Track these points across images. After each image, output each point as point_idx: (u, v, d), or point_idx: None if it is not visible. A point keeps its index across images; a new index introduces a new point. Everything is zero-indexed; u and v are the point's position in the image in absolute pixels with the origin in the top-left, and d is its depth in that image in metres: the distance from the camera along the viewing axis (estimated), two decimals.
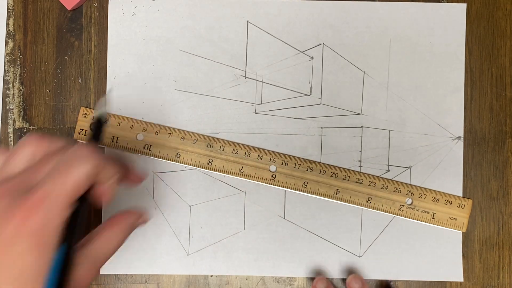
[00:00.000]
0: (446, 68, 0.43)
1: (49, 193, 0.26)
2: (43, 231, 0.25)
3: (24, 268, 0.25)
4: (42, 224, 0.25)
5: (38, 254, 0.25)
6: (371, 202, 0.42)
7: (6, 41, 0.43)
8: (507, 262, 0.42)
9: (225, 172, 0.42)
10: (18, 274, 0.24)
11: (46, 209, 0.25)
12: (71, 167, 0.26)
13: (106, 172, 0.28)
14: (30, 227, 0.25)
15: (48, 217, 0.25)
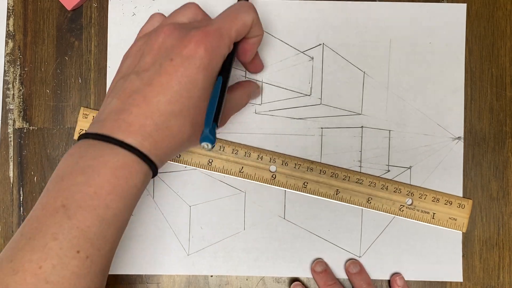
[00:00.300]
0: (446, 68, 0.43)
1: (221, 27, 0.32)
2: (214, 55, 0.31)
3: (196, 80, 0.31)
4: (215, 47, 0.31)
5: (207, 73, 0.31)
6: (371, 202, 0.42)
7: (6, 41, 0.43)
8: (507, 262, 0.42)
9: (225, 172, 0.42)
10: (191, 83, 0.31)
11: (218, 37, 0.31)
12: (240, 13, 0.33)
13: (257, 29, 0.35)
14: (205, 49, 0.31)
15: (219, 44, 0.31)
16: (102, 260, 0.29)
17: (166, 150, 0.31)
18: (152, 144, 0.30)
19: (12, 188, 0.42)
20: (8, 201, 0.42)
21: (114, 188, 0.29)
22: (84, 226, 0.28)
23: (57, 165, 0.30)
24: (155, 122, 0.30)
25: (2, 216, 0.42)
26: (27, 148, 0.42)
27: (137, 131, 0.30)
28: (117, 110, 0.31)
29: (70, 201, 0.28)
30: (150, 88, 0.30)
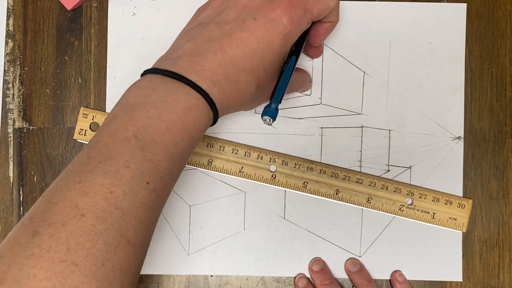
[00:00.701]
0: (446, 68, 0.43)
1: (307, 2, 0.32)
2: (295, 26, 0.32)
3: (274, 45, 0.31)
4: (298, 18, 0.32)
5: (285, 41, 0.32)
6: (371, 202, 0.42)
7: (6, 41, 0.43)
8: (507, 262, 0.42)
9: (225, 172, 0.42)
10: (268, 46, 0.31)
11: (303, 10, 0.32)
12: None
13: (335, 15, 0.35)
14: (290, 17, 0.31)
15: (302, 17, 0.32)
16: (165, 194, 0.30)
17: (230, 102, 0.32)
18: (220, 93, 0.31)
19: (12, 188, 0.42)
20: (8, 201, 0.42)
21: (184, 128, 0.29)
22: (155, 160, 0.28)
23: (123, 95, 0.30)
24: (227, 73, 0.31)
25: (2, 216, 0.42)
26: (27, 148, 0.42)
27: (210, 77, 0.30)
28: (192, 52, 0.31)
29: (143, 133, 0.28)
30: (229, 39, 0.31)
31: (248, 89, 0.32)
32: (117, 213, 0.26)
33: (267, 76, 0.33)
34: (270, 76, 0.33)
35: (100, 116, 0.42)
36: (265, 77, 0.33)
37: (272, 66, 0.33)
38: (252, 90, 0.32)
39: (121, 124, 0.28)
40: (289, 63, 0.34)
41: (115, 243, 0.26)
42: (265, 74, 0.32)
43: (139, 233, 0.27)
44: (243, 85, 0.32)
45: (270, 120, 0.32)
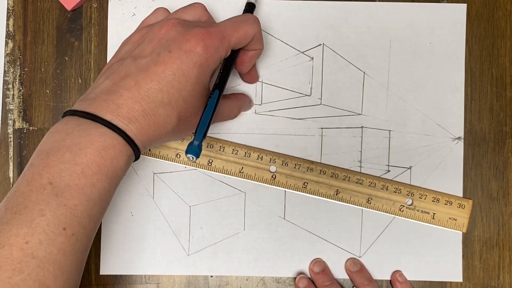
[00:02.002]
0: (446, 68, 0.43)
1: (224, 31, 0.33)
2: (211, 54, 0.32)
3: (190, 75, 0.32)
4: (214, 47, 0.32)
5: (201, 70, 0.32)
6: (371, 203, 0.42)
7: (6, 41, 0.43)
8: (507, 263, 0.42)
9: (225, 172, 0.42)
10: (185, 77, 0.31)
11: (219, 39, 0.32)
12: (244, 23, 0.34)
13: (258, 43, 0.36)
14: (205, 47, 0.32)
15: (218, 45, 0.32)
16: (86, 237, 0.30)
17: (150, 137, 0.32)
18: (138, 129, 0.31)
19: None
20: None
21: (100, 168, 0.29)
22: (71, 204, 0.28)
23: (42, 140, 0.31)
24: (143, 108, 0.31)
25: None
26: (27, 149, 0.42)
27: (125, 114, 0.30)
28: (107, 91, 0.31)
29: (58, 179, 0.28)
30: (144, 74, 0.31)
31: (169, 122, 0.32)
32: (34, 262, 0.27)
33: (188, 107, 0.32)
34: (192, 107, 0.33)
35: None
36: (186, 109, 0.32)
37: (192, 97, 0.32)
38: (173, 122, 0.32)
39: (37, 171, 0.29)
40: (212, 97, 0.34)
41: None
42: (185, 106, 0.32)
43: (59, 279, 0.28)
44: (162, 119, 0.32)
45: (194, 158, 0.32)
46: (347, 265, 0.42)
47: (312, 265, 0.41)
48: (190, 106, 0.33)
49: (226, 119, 0.40)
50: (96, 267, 0.42)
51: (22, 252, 0.27)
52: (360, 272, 0.41)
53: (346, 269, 0.42)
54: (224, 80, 0.35)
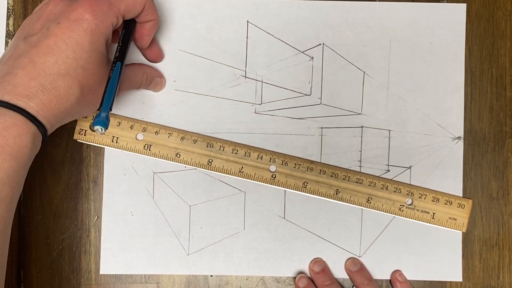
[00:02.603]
0: (446, 68, 0.43)
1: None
2: (101, 20, 0.32)
3: (83, 43, 0.32)
4: (103, 12, 0.32)
5: (94, 36, 0.32)
6: (371, 202, 0.42)
7: (6, 41, 0.43)
8: (507, 262, 0.42)
9: (225, 172, 0.42)
10: (78, 45, 0.32)
11: (107, 4, 0.33)
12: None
13: (150, 12, 0.36)
14: (93, 13, 0.32)
15: (106, 10, 0.33)
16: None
17: (55, 111, 0.32)
18: (39, 105, 0.31)
19: None
20: None
21: (3, 148, 0.30)
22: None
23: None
24: (41, 83, 0.31)
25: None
26: None
27: (23, 92, 0.31)
28: (2, 74, 0.31)
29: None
30: (36, 50, 0.31)
31: (71, 93, 0.32)
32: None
33: (88, 75, 0.33)
34: (92, 75, 0.33)
35: None
36: (86, 77, 0.33)
37: (91, 64, 0.33)
38: (75, 93, 0.32)
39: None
40: (114, 69, 0.34)
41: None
42: (85, 74, 0.32)
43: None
44: (63, 91, 0.32)
45: (102, 129, 0.32)
46: (347, 265, 0.42)
47: (312, 265, 0.41)
48: (90, 74, 0.33)
49: (134, 87, 0.40)
50: (96, 267, 0.42)
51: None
52: (360, 272, 0.41)
53: (346, 269, 0.42)
54: (124, 52, 0.35)
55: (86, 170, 0.42)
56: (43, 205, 0.42)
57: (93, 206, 0.42)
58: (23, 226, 0.42)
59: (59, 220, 0.42)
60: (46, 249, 0.42)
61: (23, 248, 0.42)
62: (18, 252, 0.42)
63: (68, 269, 0.42)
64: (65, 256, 0.42)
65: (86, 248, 0.42)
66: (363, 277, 0.41)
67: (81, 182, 0.42)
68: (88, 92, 0.33)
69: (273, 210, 0.42)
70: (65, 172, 0.42)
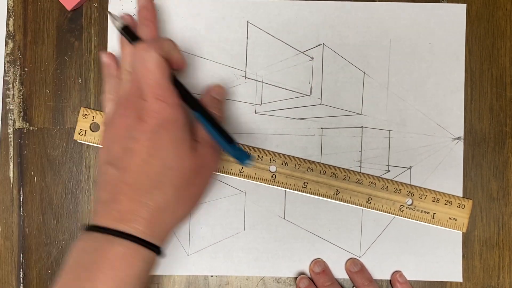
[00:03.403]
0: (446, 68, 0.43)
1: (152, 90, 0.33)
2: (171, 111, 0.33)
3: (162, 147, 0.33)
4: (164, 109, 0.33)
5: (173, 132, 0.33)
6: (371, 203, 0.42)
7: (6, 41, 0.43)
8: (507, 263, 0.42)
9: (225, 172, 0.42)
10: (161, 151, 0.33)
11: (161, 99, 0.33)
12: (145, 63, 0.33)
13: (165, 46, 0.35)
14: (160, 115, 0.33)
15: (165, 103, 0.33)
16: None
17: (161, 224, 0.33)
18: (146, 225, 0.32)
19: (12, 188, 0.42)
20: (8, 201, 0.42)
21: (114, 281, 0.30)
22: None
23: (68, 253, 0.32)
24: (142, 201, 0.32)
25: (2, 216, 0.42)
26: (27, 148, 0.42)
27: (128, 217, 0.31)
28: (107, 201, 0.33)
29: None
30: (128, 173, 0.32)
31: (168, 199, 0.33)
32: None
33: (180, 173, 0.33)
34: (183, 169, 0.33)
35: (100, 116, 0.42)
36: (178, 177, 0.33)
37: (178, 160, 0.33)
38: (173, 196, 0.33)
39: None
40: (201, 121, 0.36)
41: None
42: (176, 174, 0.33)
43: None
44: (162, 201, 0.32)
45: (251, 162, 0.35)
46: (347, 266, 0.42)
47: (313, 265, 0.41)
48: (180, 170, 0.33)
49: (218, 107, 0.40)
50: None
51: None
52: (361, 273, 0.41)
53: (347, 270, 0.42)
54: (192, 100, 0.36)
55: (86, 170, 0.42)
56: (43, 205, 0.42)
57: (93, 207, 0.42)
58: (23, 226, 0.42)
59: (59, 220, 0.42)
60: (46, 250, 0.42)
61: (23, 248, 0.42)
62: (18, 253, 0.42)
63: None
64: (65, 257, 0.42)
65: None
66: (363, 278, 0.41)
67: (81, 183, 0.42)
68: (184, 187, 0.34)
69: (273, 210, 0.42)
70: (65, 172, 0.42)
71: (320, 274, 0.41)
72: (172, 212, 0.33)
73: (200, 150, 0.35)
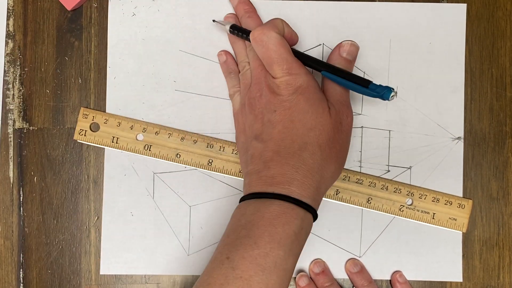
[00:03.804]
0: (446, 68, 0.43)
1: (280, 65, 0.35)
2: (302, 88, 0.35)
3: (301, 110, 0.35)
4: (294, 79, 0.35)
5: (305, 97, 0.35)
6: (371, 203, 0.42)
7: (6, 41, 0.43)
8: (507, 262, 0.42)
9: (225, 172, 0.42)
10: (299, 115, 0.35)
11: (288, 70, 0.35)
12: (266, 45, 0.35)
13: (275, 27, 0.36)
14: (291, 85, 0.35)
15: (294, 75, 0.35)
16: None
17: (313, 184, 0.34)
18: (298, 186, 0.33)
19: (12, 188, 0.42)
20: (8, 201, 0.42)
21: (272, 237, 0.31)
22: (247, 276, 0.30)
23: (228, 222, 0.35)
24: (291, 164, 0.33)
25: (2, 216, 0.42)
26: (27, 148, 0.42)
27: (280, 180, 0.33)
28: (257, 171, 0.34)
29: (234, 253, 0.31)
30: (272, 142, 0.34)
31: (316, 158, 0.34)
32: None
33: (321, 132, 0.35)
34: (324, 127, 0.35)
35: (100, 116, 0.42)
36: (320, 135, 0.34)
37: (318, 119, 0.35)
38: (318, 155, 0.34)
39: (219, 250, 0.33)
40: (329, 78, 0.37)
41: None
42: (318, 133, 0.34)
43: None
44: (310, 160, 0.34)
45: (394, 95, 0.35)
46: (347, 266, 0.42)
47: (312, 266, 0.41)
48: (321, 128, 0.35)
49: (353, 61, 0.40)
50: (96, 267, 0.42)
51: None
52: (361, 273, 0.41)
53: (346, 270, 0.42)
54: (313, 61, 0.37)
55: (86, 171, 0.42)
56: (43, 205, 0.42)
57: (93, 207, 0.42)
58: (23, 226, 0.42)
59: (59, 220, 0.42)
60: (46, 250, 0.42)
61: (23, 248, 0.42)
62: (18, 252, 0.42)
63: (68, 269, 0.42)
64: (65, 257, 0.42)
65: (86, 248, 0.42)
66: (363, 279, 0.41)
67: (81, 183, 0.42)
68: (327, 144, 0.35)
69: None
70: (65, 172, 0.42)
71: (319, 275, 0.41)
72: (321, 170, 0.34)
73: (334, 109, 0.36)
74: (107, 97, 0.43)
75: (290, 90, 0.35)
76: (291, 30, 0.39)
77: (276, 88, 0.35)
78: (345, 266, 0.42)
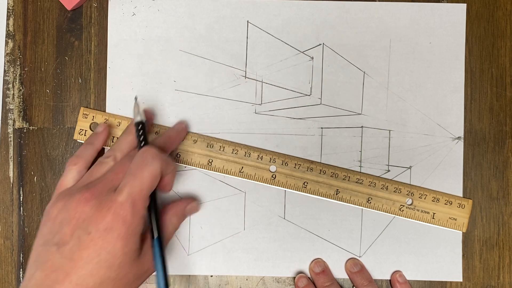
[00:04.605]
0: (446, 68, 0.43)
1: (133, 195, 0.33)
2: (131, 223, 0.33)
3: (115, 250, 0.32)
4: (131, 215, 0.33)
5: (126, 239, 0.32)
6: (371, 202, 0.42)
7: (6, 41, 0.43)
8: (507, 262, 0.42)
9: (225, 172, 0.42)
10: (110, 254, 0.32)
11: (132, 204, 0.33)
12: (145, 166, 0.34)
13: (168, 166, 0.35)
14: (123, 221, 0.32)
15: (134, 210, 0.33)
16: None
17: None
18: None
19: (12, 188, 0.42)
20: (8, 201, 0.42)
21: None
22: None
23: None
24: None
25: (2, 216, 0.42)
26: (27, 148, 0.42)
27: None
28: (41, 285, 0.32)
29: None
30: (71, 263, 0.32)
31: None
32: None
33: (122, 278, 0.33)
34: (127, 276, 0.33)
35: (100, 116, 0.42)
36: (121, 280, 0.33)
37: (124, 267, 0.33)
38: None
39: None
40: (155, 251, 0.35)
41: None
42: (119, 278, 0.33)
43: None
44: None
45: None
46: (347, 266, 0.42)
47: (313, 265, 0.41)
48: (123, 276, 0.33)
49: (172, 231, 0.38)
50: None
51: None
52: (361, 273, 0.41)
53: (346, 270, 0.42)
54: (158, 227, 0.35)
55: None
56: (43, 205, 0.42)
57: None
58: (23, 226, 0.42)
59: None
60: None
61: (23, 248, 0.42)
62: (18, 252, 0.42)
63: None
64: None
65: None
66: (363, 279, 0.41)
67: None
68: (127, 285, 0.34)
69: (273, 210, 0.42)
70: None
71: (320, 274, 0.41)
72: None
73: (146, 258, 0.35)
74: (107, 97, 0.43)
75: (115, 222, 0.33)
76: (172, 181, 0.37)
77: (107, 207, 0.33)
78: (345, 265, 0.42)
